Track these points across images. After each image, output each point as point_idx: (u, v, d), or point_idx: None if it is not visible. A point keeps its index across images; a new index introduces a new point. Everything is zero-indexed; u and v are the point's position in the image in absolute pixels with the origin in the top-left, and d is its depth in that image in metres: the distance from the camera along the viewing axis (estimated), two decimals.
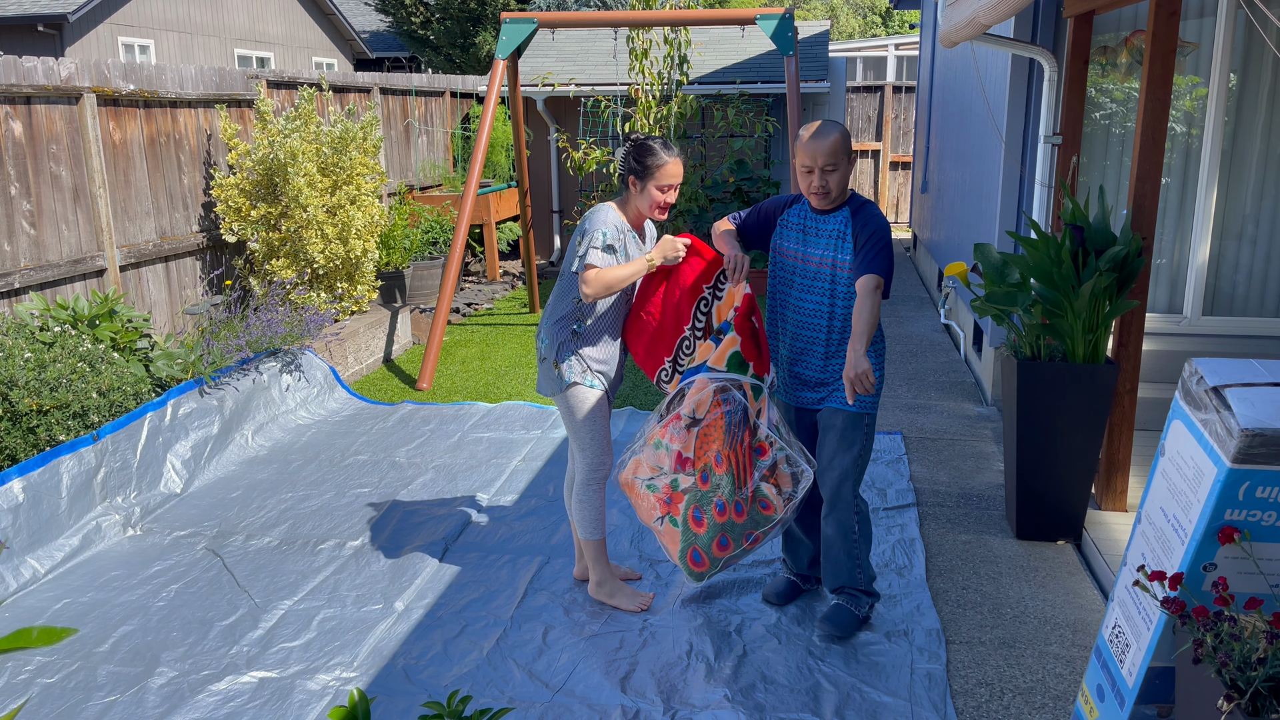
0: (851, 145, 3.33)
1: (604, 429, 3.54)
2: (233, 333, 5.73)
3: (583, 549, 3.70)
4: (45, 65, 5.38)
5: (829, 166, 3.24)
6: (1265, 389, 2.27)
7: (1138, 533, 2.61)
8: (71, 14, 14.96)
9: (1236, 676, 2.02)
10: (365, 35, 23.96)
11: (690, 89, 10.03)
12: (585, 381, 3.48)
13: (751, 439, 3.38)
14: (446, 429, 5.74)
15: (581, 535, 3.64)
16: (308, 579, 3.94)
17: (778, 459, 3.40)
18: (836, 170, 3.25)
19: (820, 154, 3.23)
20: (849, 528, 3.38)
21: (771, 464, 3.40)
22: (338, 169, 6.96)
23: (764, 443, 3.39)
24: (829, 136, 3.24)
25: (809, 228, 3.37)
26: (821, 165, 3.24)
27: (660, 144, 3.37)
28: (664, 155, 3.35)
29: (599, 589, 3.67)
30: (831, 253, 3.30)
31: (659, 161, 3.34)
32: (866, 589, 3.46)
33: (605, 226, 3.38)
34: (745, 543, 3.48)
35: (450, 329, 8.41)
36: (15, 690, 3.20)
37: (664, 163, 3.34)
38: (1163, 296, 5.39)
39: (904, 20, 34.22)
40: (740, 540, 3.47)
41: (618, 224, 3.41)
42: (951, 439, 5.44)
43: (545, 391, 3.56)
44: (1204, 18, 5.06)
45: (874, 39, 17.44)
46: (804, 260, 3.36)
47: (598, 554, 3.65)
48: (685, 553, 3.52)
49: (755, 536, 3.47)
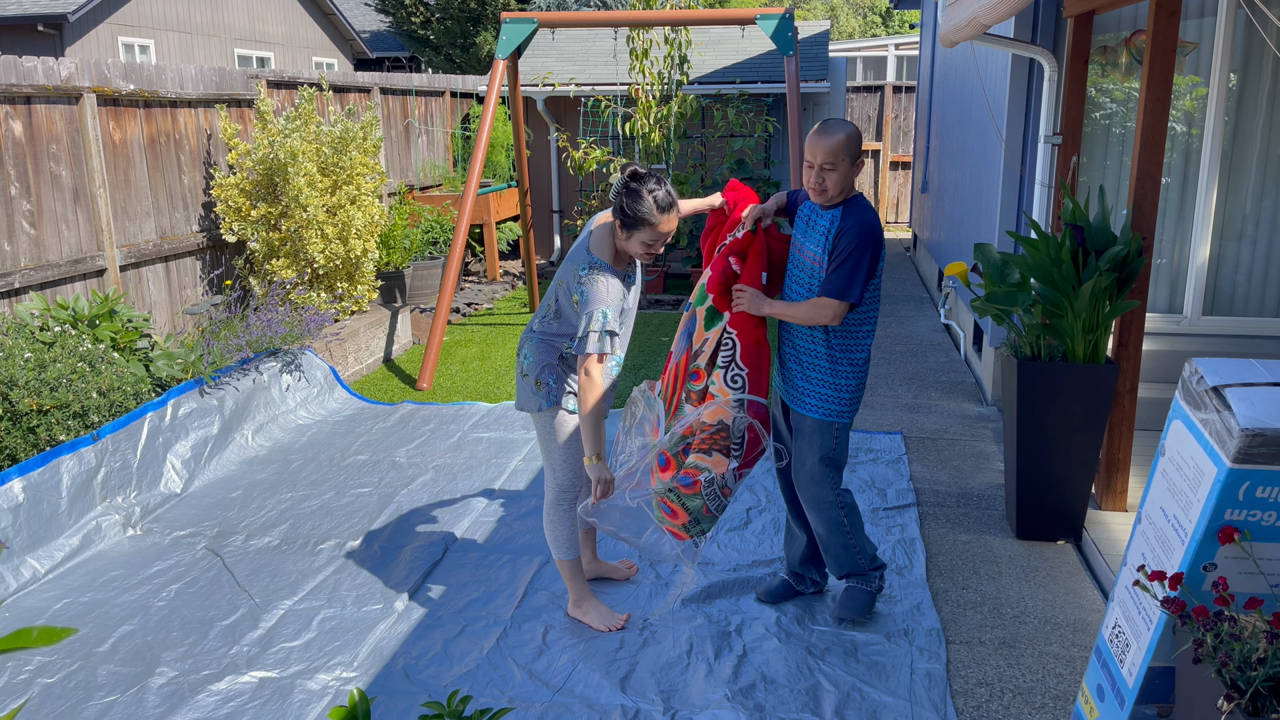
0: (860, 148, 3.28)
1: (579, 454, 3.45)
2: (233, 333, 5.73)
3: (558, 568, 3.61)
4: (45, 65, 5.38)
5: (828, 165, 3.21)
6: (1265, 389, 2.27)
7: (1138, 533, 2.61)
8: (71, 14, 14.96)
9: (1236, 676, 2.02)
10: (365, 35, 23.96)
11: (690, 89, 10.03)
12: (567, 406, 3.40)
13: (689, 364, 3.33)
14: (446, 429, 5.74)
15: (554, 555, 3.56)
16: (308, 579, 3.94)
17: (709, 387, 3.30)
18: (835, 170, 3.22)
19: (820, 151, 3.21)
20: (838, 522, 3.41)
21: (702, 390, 3.29)
22: (338, 169, 6.96)
23: (700, 369, 3.30)
24: (833, 135, 3.21)
25: (810, 220, 3.37)
26: (820, 162, 3.21)
27: (656, 196, 3.19)
28: (655, 214, 3.18)
29: (575, 607, 3.60)
30: (818, 250, 3.29)
31: (649, 220, 3.19)
32: (871, 566, 3.51)
33: (606, 301, 3.22)
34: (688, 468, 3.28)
35: (450, 329, 8.41)
36: (15, 690, 3.20)
37: (654, 223, 3.19)
38: (1163, 296, 5.39)
39: (904, 20, 34.22)
40: (678, 458, 3.30)
41: (619, 292, 3.27)
42: (951, 439, 5.44)
43: (523, 408, 3.44)
44: (1204, 18, 5.06)
45: (874, 39, 17.44)
46: (799, 251, 3.37)
47: (572, 573, 3.57)
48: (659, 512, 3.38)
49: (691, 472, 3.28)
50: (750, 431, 3.28)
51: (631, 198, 3.19)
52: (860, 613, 3.48)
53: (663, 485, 3.31)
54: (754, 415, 3.28)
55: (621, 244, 3.31)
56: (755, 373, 3.28)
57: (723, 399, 3.26)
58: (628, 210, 3.19)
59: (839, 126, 3.24)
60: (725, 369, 3.28)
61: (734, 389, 3.26)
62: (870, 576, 3.51)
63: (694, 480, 3.26)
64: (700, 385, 3.31)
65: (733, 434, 3.26)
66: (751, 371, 3.28)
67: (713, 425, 3.26)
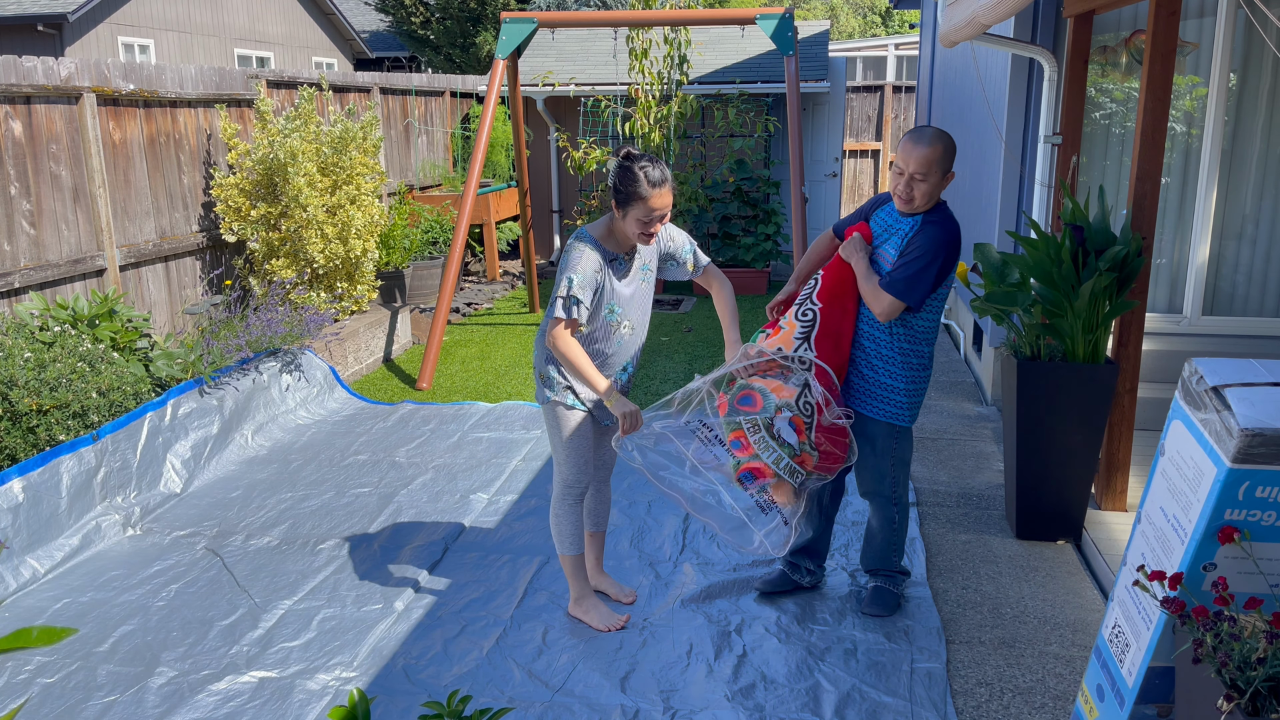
0: (953, 159, 3.20)
1: (581, 450, 3.44)
2: (233, 332, 5.73)
3: (561, 563, 3.61)
4: (45, 65, 5.38)
5: (919, 175, 3.16)
6: (1265, 389, 2.27)
7: (1138, 532, 2.61)
8: (71, 14, 14.96)
9: (1236, 676, 2.02)
10: (365, 35, 23.95)
11: (690, 89, 10.03)
12: (566, 400, 3.38)
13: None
14: (446, 429, 5.74)
15: (557, 550, 3.57)
16: (308, 579, 3.94)
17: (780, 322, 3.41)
18: (926, 181, 3.17)
19: (914, 160, 3.16)
20: (890, 518, 3.57)
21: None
22: (338, 169, 6.96)
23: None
24: (930, 146, 3.15)
25: (890, 226, 3.36)
26: (913, 171, 3.17)
27: (647, 171, 3.17)
28: (646, 187, 3.15)
29: (575, 605, 3.61)
30: (894, 253, 3.30)
31: (640, 193, 3.16)
32: (900, 569, 3.65)
33: (576, 270, 3.21)
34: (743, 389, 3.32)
35: (450, 329, 8.41)
36: (15, 690, 3.20)
37: (645, 196, 3.15)
38: (1163, 296, 5.39)
39: (904, 20, 34.21)
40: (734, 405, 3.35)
41: (594, 264, 3.23)
42: (951, 439, 5.44)
43: (537, 401, 3.49)
44: (1204, 18, 5.06)
45: (874, 39, 17.44)
46: (877, 256, 3.36)
47: (574, 569, 3.57)
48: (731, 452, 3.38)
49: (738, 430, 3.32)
50: (820, 376, 3.30)
51: (624, 174, 3.19)
52: (889, 611, 3.61)
53: (727, 418, 3.33)
54: (821, 379, 3.31)
55: (619, 227, 3.28)
56: (831, 310, 3.33)
57: (788, 330, 3.34)
58: (621, 186, 3.18)
59: (936, 137, 3.16)
60: (800, 303, 3.36)
61: (802, 322, 3.33)
62: (897, 579, 3.65)
63: (754, 400, 3.30)
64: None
65: (794, 364, 3.30)
66: (825, 308, 3.33)
67: (771, 353, 3.32)
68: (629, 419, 3.24)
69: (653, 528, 4.36)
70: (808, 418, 3.29)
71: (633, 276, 3.37)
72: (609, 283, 3.29)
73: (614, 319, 3.35)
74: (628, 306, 3.36)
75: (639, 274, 3.40)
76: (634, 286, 3.38)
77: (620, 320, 3.36)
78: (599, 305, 3.30)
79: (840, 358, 3.37)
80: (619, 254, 3.33)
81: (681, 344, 7.74)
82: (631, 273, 3.37)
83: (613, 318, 3.34)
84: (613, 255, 3.31)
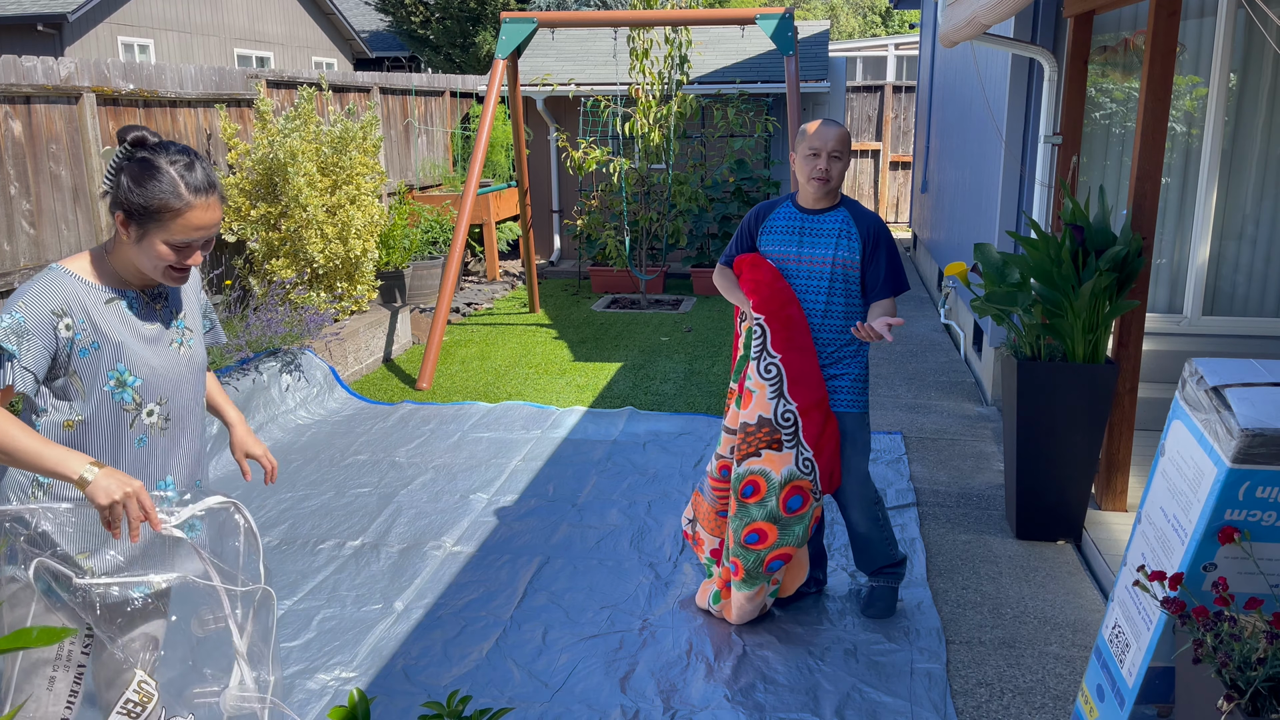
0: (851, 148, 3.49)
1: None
2: (232, 332, 5.73)
3: None
4: (45, 65, 5.38)
5: (836, 153, 3.35)
6: (1265, 389, 2.27)
7: (1138, 533, 2.61)
8: (71, 13, 14.96)
9: (1236, 676, 2.02)
10: (365, 35, 23.96)
11: (690, 89, 10.03)
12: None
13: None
14: (446, 429, 5.74)
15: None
16: (307, 579, 3.94)
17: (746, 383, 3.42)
18: (841, 159, 3.37)
19: (831, 139, 3.35)
20: (874, 517, 3.55)
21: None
22: (337, 169, 6.96)
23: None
24: (840, 127, 3.39)
25: (806, 228, 3.42)
26: (830, 150, 3.34)
27: (181, 169, 1.97)
28: (184, 193, 1.96)
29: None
30: (833, 251, 3.37)
31: (173, 204, 1.96)
32: (897, 560, 3.63)
33: (20, 308, 1.93)
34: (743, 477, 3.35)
35: (450, 329, 8.41)
36: None
37: (177, 207, 1.96)
38: (1163, 296, 5.39)
39: (904, 20, 34.22)
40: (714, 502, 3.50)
41: (58, 300, 1.95)
42: (951, 439, 5.44)
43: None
44: (1204, 18, 5.06)
45: (874, 39, 17.44)
46: (799, 260, 3.40)
47: None
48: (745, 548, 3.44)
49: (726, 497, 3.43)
50: (803, 416, 3.31)
51: (140, 171, 1.96)
52: (891, 610, 3.60)
53: (735, 517, 3.39)
54: (797, 398, 3.31)
55: (128, 253, 2.02)
56: (790, 357, 3.32)
57: (759, 393, 3.32)
58: (133, 193, 1.95)
59: (841, 124, 3.43)
60: (757, 359, 3.34)
61: (768, 379, 3.31)
62: (897, 574, 3.64)
63: (757, 487, 3.34)
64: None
65: (778, 424, 3.30)
66: (784, 357, 3.31)
67: (754, 423, 3.32)
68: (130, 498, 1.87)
69: (653, 528, 4.36)
70: (809, 473, 3.35)
71: (162, 333, 2.12)
72: (109, 331, 2.01)
73: (125, 398, 2.05)
74: (154, 379, 2.08)
75: (174, 333, 2.15)
76: (163, 349, 2.11)
77: (140, 402, 2.07)
78: (95, 370, 2.00)
79: (820, 391, 3.35)
80: (127, 290, 2.07)
81: (682, 344, 7.75)
82: (158, 324, 2.12)
83: (123, 396, 2.04)
84: (118, 292, 2.05)
